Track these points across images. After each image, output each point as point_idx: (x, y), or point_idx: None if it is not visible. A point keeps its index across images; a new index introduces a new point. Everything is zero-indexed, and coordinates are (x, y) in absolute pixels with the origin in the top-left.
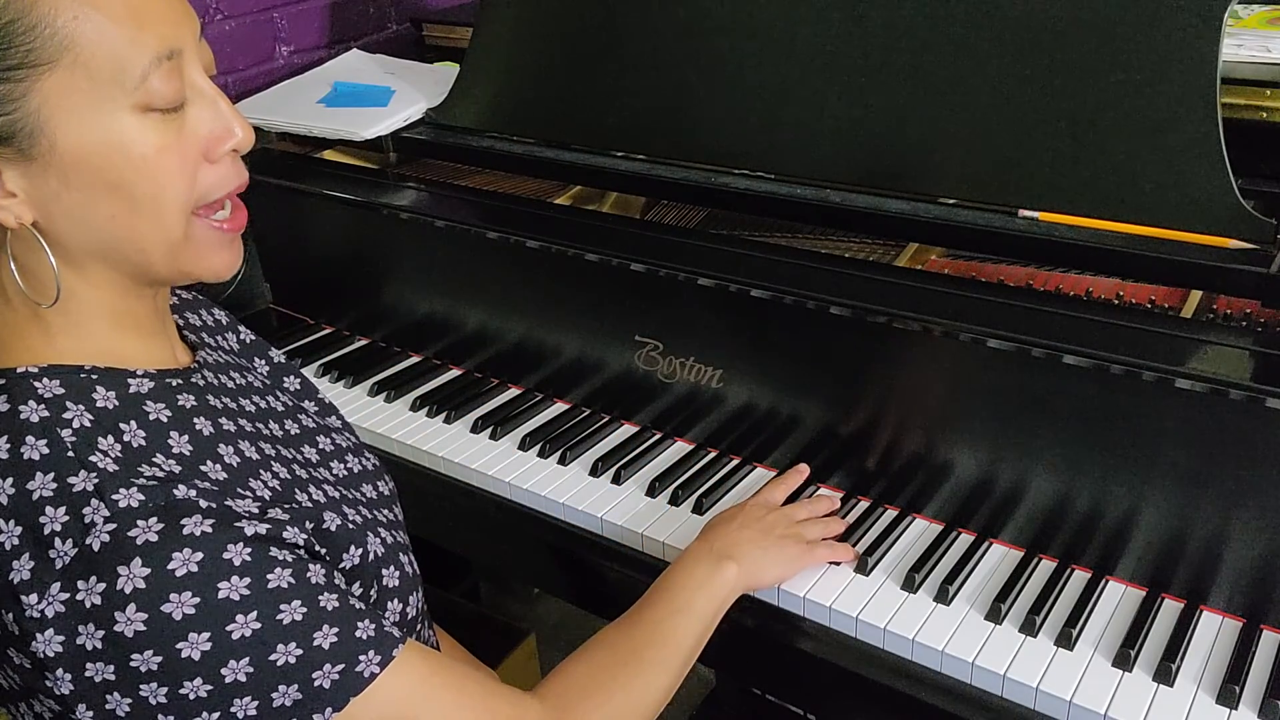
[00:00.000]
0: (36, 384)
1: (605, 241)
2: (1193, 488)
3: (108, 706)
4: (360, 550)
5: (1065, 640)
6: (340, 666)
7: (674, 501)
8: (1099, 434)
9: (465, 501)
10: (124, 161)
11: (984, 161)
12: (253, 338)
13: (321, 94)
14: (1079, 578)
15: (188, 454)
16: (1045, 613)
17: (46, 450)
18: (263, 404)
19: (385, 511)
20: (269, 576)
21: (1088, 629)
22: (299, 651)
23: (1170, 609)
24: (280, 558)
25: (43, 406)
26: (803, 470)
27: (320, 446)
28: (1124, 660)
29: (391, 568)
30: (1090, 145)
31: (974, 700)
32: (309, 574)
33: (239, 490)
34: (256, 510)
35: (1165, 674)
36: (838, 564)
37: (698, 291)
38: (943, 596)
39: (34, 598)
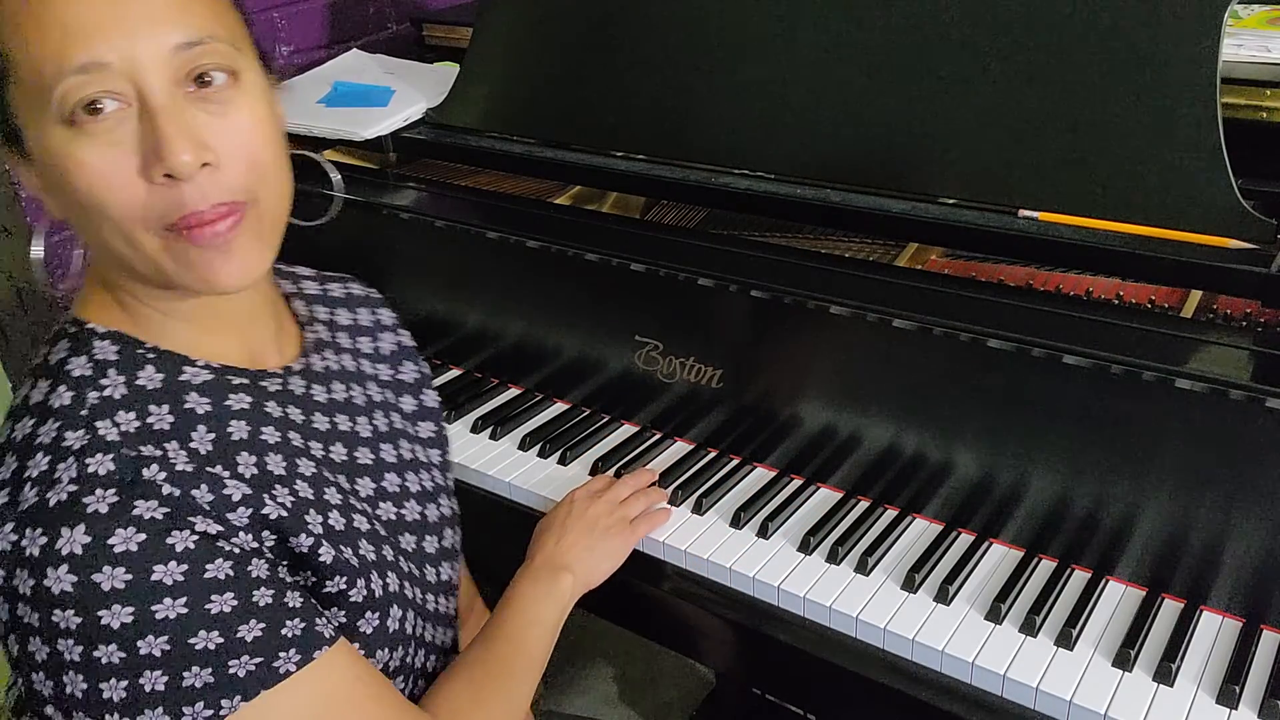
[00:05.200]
0: (97, 343)
1: (605, 241)
2: (1193, 488)
3: (29, 648)
4: (329, 581)
5: (1065, 640)
6: (258, 660)
7: (673, 501)
8: (1099, 434)
9: (464, 501)
10: (63, 175)
11: (984, 161)
12: (408, 345)
13: (321, 94)
14: (1079, 578)
15: (203, 452)
16: (1045, 613)
17: (68, 403)
18: (345, 425)
19: (415, 565)
20: (208, 566)
21: (1088, 629)
22: (220, 640)
23: (1170, 609)
24: (224, 549)
25: (89, 365)
26: (652, 472)
27: (384, 483)
28: (1124, 660)
29: (372, 614)
30: (1090, 145)
31: (974, 700)
32: (250, 567)
33: (231, 504)
34: (216, 509)
35: (1165, 674)
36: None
37: (698, 291)
38: (943, 596)
39: None
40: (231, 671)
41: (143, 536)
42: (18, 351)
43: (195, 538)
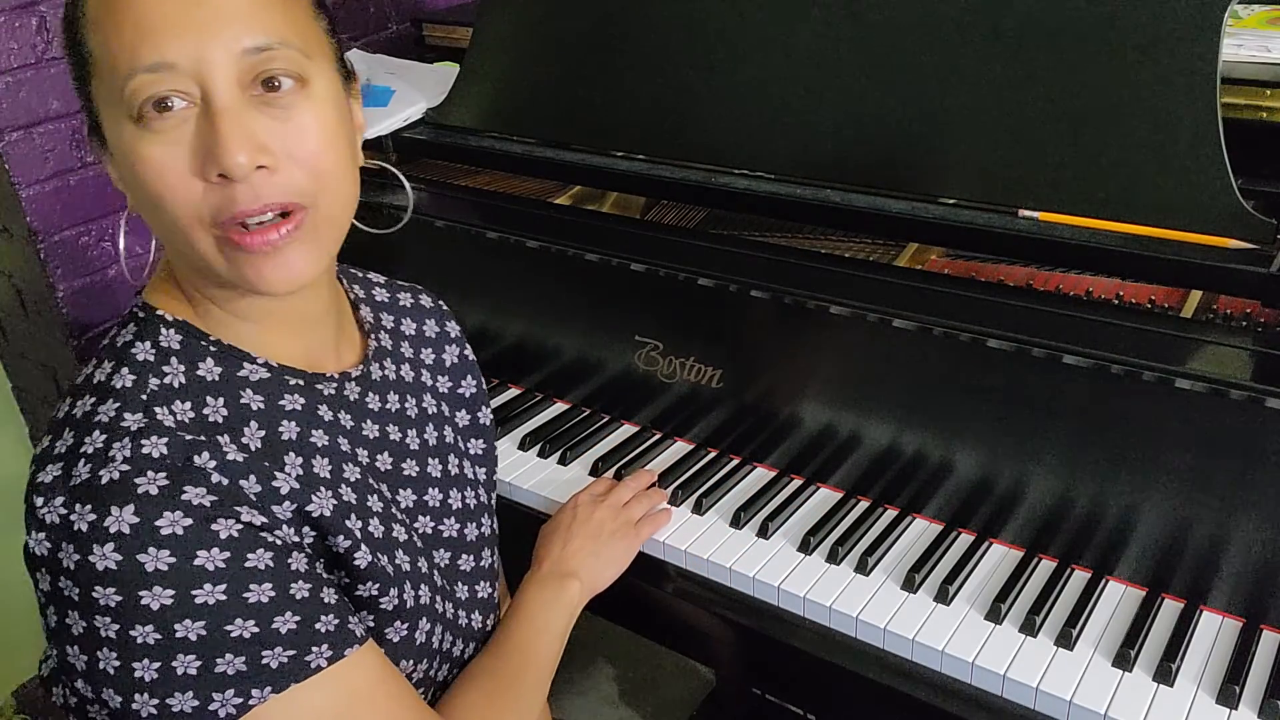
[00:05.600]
0: (163, 330)
1: (605, 241)
2: (1193, 488)
3: (66, 621)
4: (363, 586)
5: (1065, 640)
6: (291, 652)
7: (674, 501)
8: (1099, 434)
9: None
10: (130, 169)
11: (984, 161)
12: (470, 358)
13: None
14: (1079, 578)
15: (253, 449)
16: (1045, 613)
17: (129, 385)
18: (395, 435)
19: (447, 582)
20: (249, 556)
21: (1088, 629)
22: (255, 629)
23: (1170, 609)
24: (266, 540)
25: (154, 351)
26: (652, 473)
27: (427, 498)
28: (1124, 660)
29: (401, 624)
30: (1090, 145)
31: (974, 700)
32: (290, 560)
33: (276, 501)
34: (263, 502)
35: (1165, 674)
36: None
37: (698, 291)
38: (943, 596)
39: (40, 500)
40: (264, 661)
41: (189, 521)
42: (17, 351)
43: (240, 526)
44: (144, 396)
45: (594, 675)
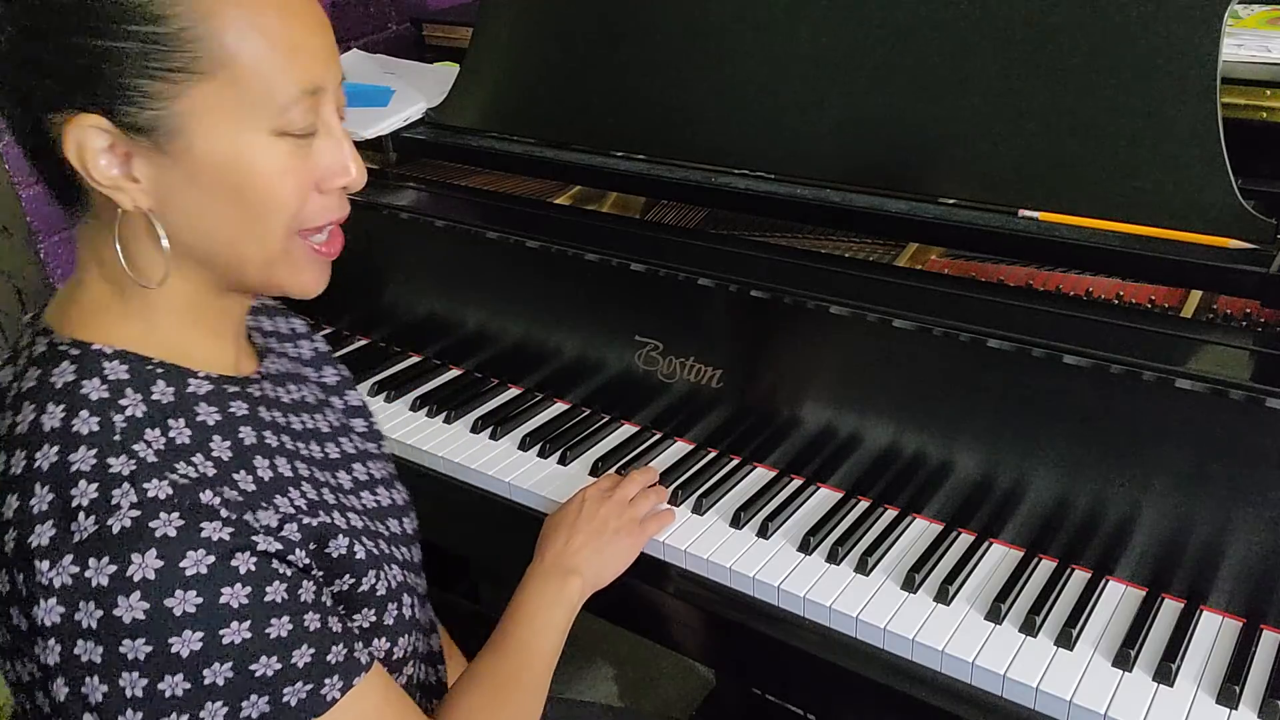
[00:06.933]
0: (106, 364)
1: (605, 241)
2: (1193, 488)
3: (83, 689)
4: (360, 580)
5: (1065, 640)
6: (309, 687)
7: (674, 501)
8: (1099, 434)
9: (465, 501)
10: (248, 175)
11: (984, 161)
12: (324, 349)
13: None
14: (1079, 578)
15: (225, 459)
16: (1045, 613)
17: (97, 428)
18: (310, 423)
19: (403, 549)
20: (267, 590)
21: (1088, 629)
22: (278, 665)
23: (1170, 609)
24: (280, 572)
25: (105, 387)
26: (655, 471)
27: (355, 474)
28: (1124, 660)
29: (393, 605)
30: (1090, 145)
31: (974, 700)
32: (300, 591)
33: (263, 504)
34: (274, 525)
35: (1165, 674)
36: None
37: (698, 291)
38: (943, 596)
39: (46, 564)
40: (285, 700)
41: (212, 559)
42: None
43: (255, 559)
44: (117, 437)
45: (594, 675)
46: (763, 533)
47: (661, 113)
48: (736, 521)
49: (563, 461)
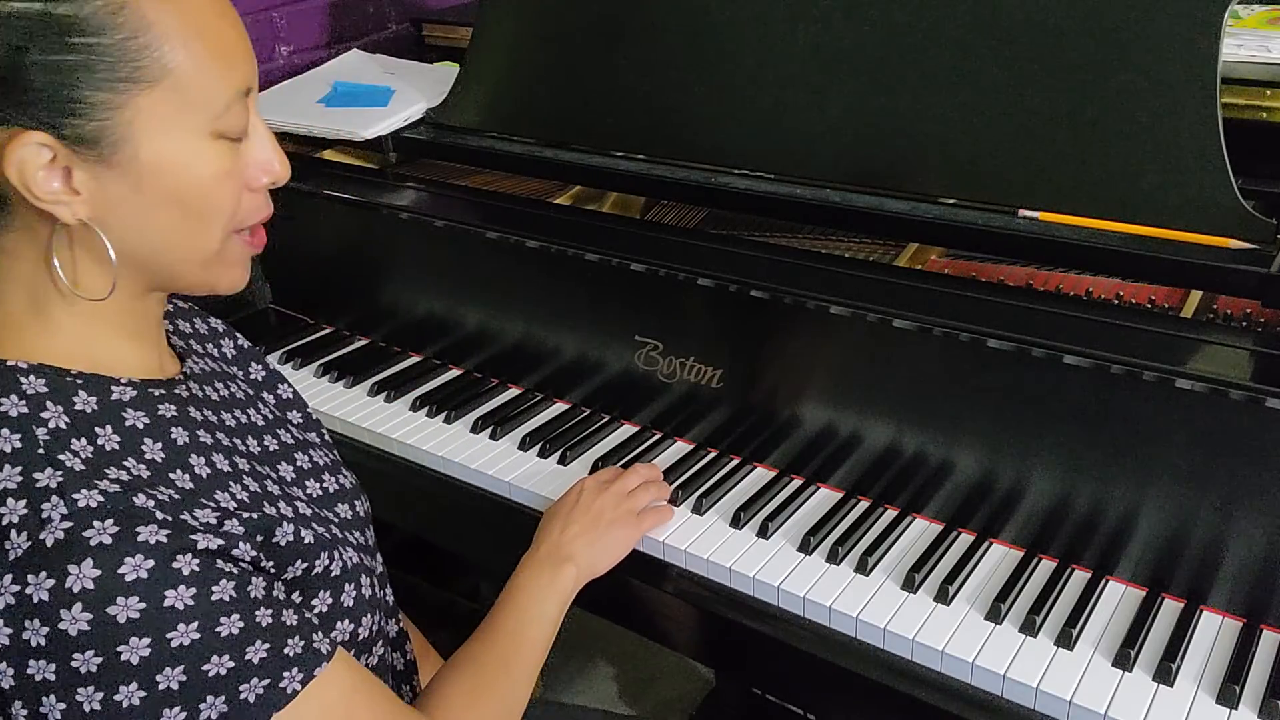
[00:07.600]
0: (23, 379)
1: (605, 241)
2: (1193, 488)
3: (41, 709)
4: (313, 564)
5: (1065, 640)
6: (266, 681)
7: (674, 501)
8: (1099, 434)
9: (465, 501)
10: (191, 179)
11: (984, 161)
12: (246, 345)
13: (321, 94)
14: (1079, 578)
15: (159, 460)
16: (1045, 613)
17: (19, 444)
18: (243, 418)
19: (356, 533)
20: (214, 589)
21: (1088, 629)
22: (231, 664)
23: (1170, 609)
24: (226, 570)
25: (24, 402)
26: (656, 467)
27: (297, 464)
28: (1124, 660)
29: (350, 586)
30: (1090, 145)
31: (974, 700)
32: (250, 588)
33: (202, 501)
34: (214, 521)
35: (1165, 674)
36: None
37: (698, 291)
38: (943, 596)
39: None
40: (243, 697)
41: (151, 562)
42: None
43: (198, 560)
44: (40, 451)
45: (594, 675)
46: (763, 533)
47: (661, 113)
48: (736, 521)
49: (563, 461)
